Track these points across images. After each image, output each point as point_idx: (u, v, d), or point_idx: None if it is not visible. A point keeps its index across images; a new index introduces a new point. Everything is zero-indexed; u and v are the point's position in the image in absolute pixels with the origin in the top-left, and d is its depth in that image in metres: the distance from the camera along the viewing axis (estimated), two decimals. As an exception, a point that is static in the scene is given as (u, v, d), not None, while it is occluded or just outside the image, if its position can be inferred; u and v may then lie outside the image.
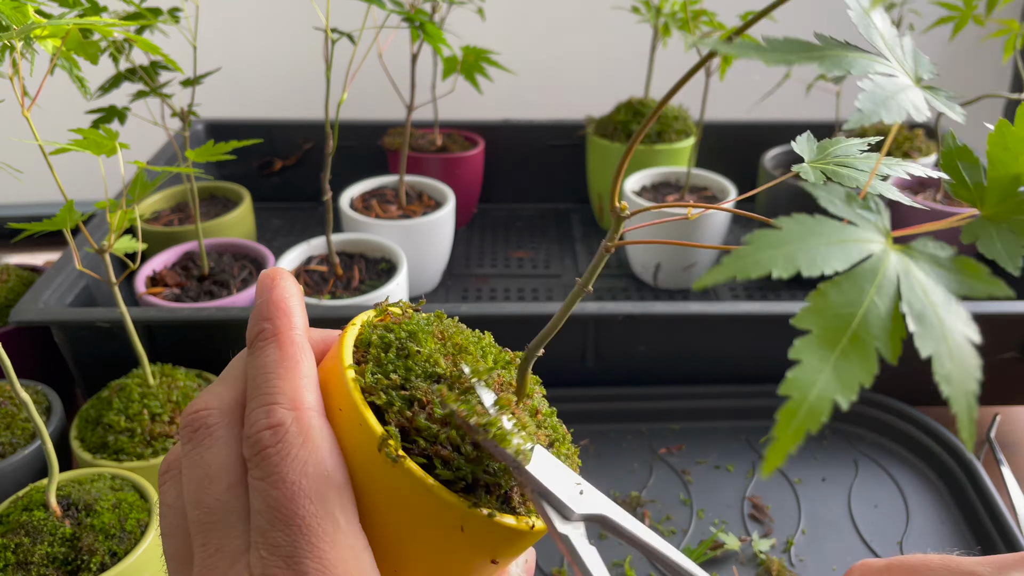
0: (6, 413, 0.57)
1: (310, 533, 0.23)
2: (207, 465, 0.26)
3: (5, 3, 0.40)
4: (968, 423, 0.16)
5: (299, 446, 0.24)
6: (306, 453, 0.24)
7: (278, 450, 0.24)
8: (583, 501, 0.26)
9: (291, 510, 0.23)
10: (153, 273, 0.73)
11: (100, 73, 0.67)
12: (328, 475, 0.24)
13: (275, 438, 0.24)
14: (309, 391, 0.26)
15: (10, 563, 0.44)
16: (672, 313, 0.64)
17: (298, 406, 0.25)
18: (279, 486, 0.23)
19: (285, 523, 0.23)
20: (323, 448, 0.25)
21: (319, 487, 0.24)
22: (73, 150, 0.41)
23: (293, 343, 0.27)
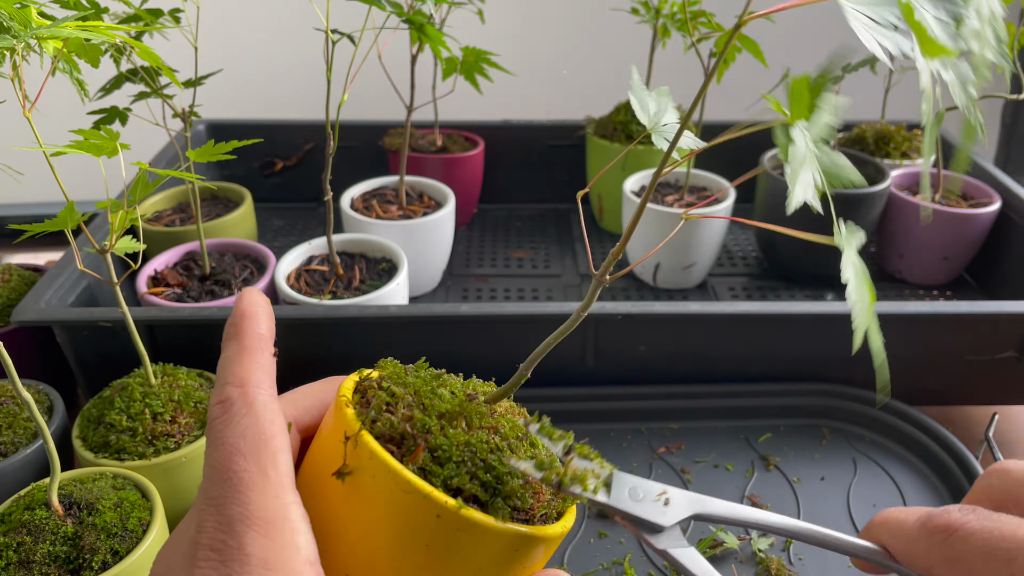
0: (8, 412, 0.57)
1: (240, 483, 0.25)
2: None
3: (7, 2, 0.40)
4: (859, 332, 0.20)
5: (242, 415, 0.27)
6: (247, 421, 0.27)
7: (223, 420, 0.27)
8: (670, 511, 0.27)
9: (227, 466, 0.26)
10: (155, 273, 0.74)
11: (101, 73, 0.67)
12: (266, 439, 0.26)
13: (222, 410, 0.27)
14: (258, 372, 0.29)
15: (12, 562, 0.44)
16: (672, 313, 0.64)
17: (244, 384, 0.28)
18: (219, 448, 0.26)
19: (221, 479, 0.26)
20: (264, 417, 0.27)
21: (255, 447, 0.26)
22: (74, 152, 0.42)
23: (251, 337, 0.30)
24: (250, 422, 0.27)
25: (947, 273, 0.89)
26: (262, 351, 0.30)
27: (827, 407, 0.69)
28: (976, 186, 0.89)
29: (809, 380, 0.69)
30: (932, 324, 0.66)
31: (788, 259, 0.91)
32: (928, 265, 0.88)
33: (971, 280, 0.92)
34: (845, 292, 0.21)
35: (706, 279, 0.91)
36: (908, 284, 0.91)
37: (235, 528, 0.25)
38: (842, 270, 0.22)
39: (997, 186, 0.88)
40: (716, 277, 0.93)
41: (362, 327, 0.64)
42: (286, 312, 0.63)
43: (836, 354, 0.68)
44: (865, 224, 0.86)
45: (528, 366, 0.30)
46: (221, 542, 0.24)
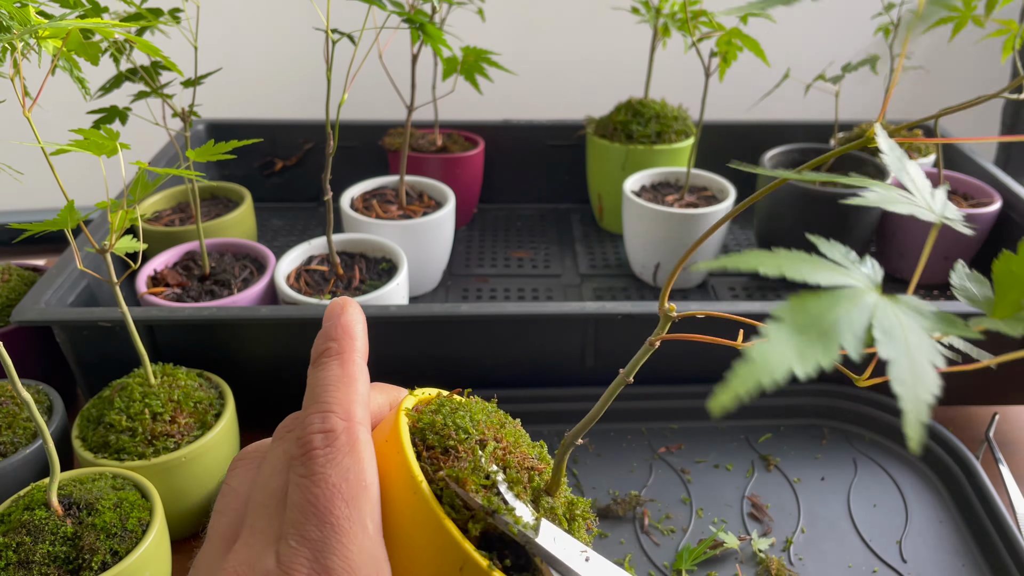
0: (8, 412, 0.57)
1: (341, 533, 0.25)
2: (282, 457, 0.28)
3: (8, 2, 0.40)
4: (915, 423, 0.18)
5: (345, 454, 0.26)
6: (350, 461, 0.26)
7: (326, 453, 0.26)
8: (588, 567, 0.27)
9: (327, 508, 0.25)
10: (154, 273, 0.74)
11: (101, 73, 0.67)
12: (366, 486, 0.26)
13: (325, 442, 0.26)
14: (361, 407, 0.28)
15: (12, 562, 0.44)
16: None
17: (350, 418, 0.27)
18: (320, 485, 0.25)
19: (319, 519, 0.25)
20: (365, 460, 0.27)
21: (356, 494, 0.26)
22: (74, 151, 0.42)
23: (354, 363, 0.29)
24: (352, 463, 0.26)
25: (947, 273, 0.89)
26: (363, 380, 0.29)
27: (827, 407, 0.69)
28: (977, 186, 0.89)
29: (809, 380, 0.69)
30: (932, 324, 0.66)
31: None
32: (928, 265, 0.88)
33: (971, 280, 0.92)
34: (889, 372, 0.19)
35: (706, 279, 0.91)
36: (908, 284, 0.91)
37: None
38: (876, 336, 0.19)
39: (998, 186, 0.88)
40: (716, 277, 0.93)
41: (362, 327, 0.64)
42: (285, 312, 0.62)
43: (836, 354, 0.68)
44: (865, 224, 0.86)
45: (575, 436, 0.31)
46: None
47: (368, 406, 0.29)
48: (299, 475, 0.26)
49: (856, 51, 1.02)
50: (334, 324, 0.30)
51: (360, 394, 0.28)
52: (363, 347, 0.30)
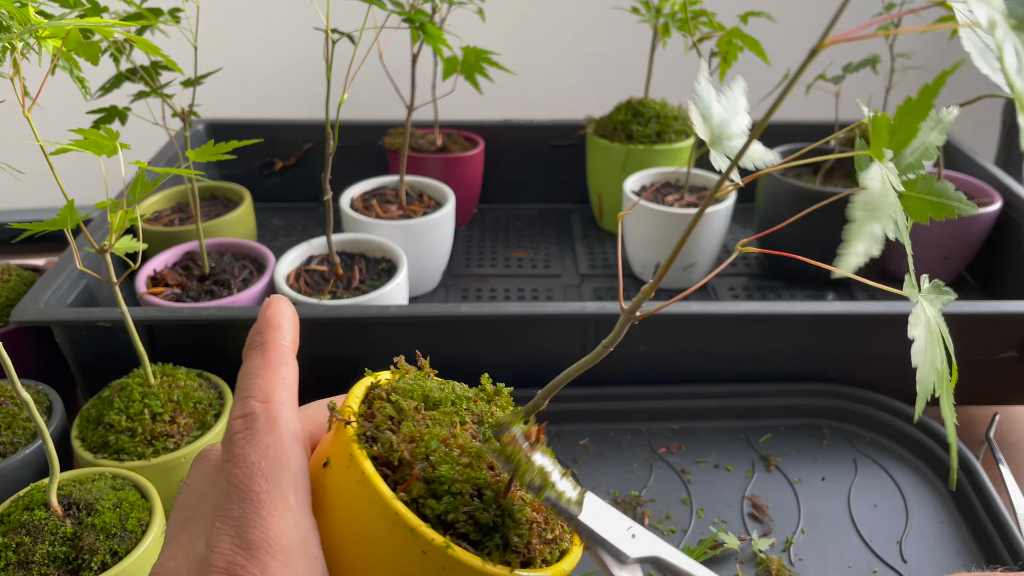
0: (7, 413, 0.57)
1: (260, 507, 0.25)
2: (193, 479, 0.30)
3: (7, 1, 0.40)
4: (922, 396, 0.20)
5: (264, 433, 0.27)
6: (270, 440, 0.27)
7: (245, 435, 0.27)
8: (636, 544, 0.27)
9: (247, 486, 0.25)
10: (154, 273, 0.74)
11: (101, 73, 0.67)
12: (287, 460, 0.26)
13: (244, 425, 0.27)
14: (283, 389, 0.28)
15: (11, 562, 0.44)
16: (672, 313, 0.64)
17: (269, 399, 0.28)
18: (240, 465, 0.26)
19: (240, 497, 0.25)
20: (286, 437, 0.27)
21: (276, 468, 0.26)
22: (74, 150, 0.42)
23: (276, 350, 0.30)
24: (272, 441, 0.27)
25: (948, 273, 0.89)
26: (286, 364, 0.30)
27: (828, 407, 0.69)
28: (977, 186, 0.89)
29: (809, 380, 0.69)
30: (933, 324, 0.65)
31: (788, 259, 0.91)
32: (929, 265, 0.88)
33: (972, 280, 0.92)
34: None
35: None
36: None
37: (256, 554, 0.24)
38: (910, 326, 0.20)
39: (998, 186, 0.88)
40: (716, 277, 0.93)
41: (362, 327, 0.64)
42: (286, 312, 0.62)
43: (836, 354, 0.68)
44: (865, 224, 0.86)
45: (545, 396, 0.29)
46: (240, 567, 0.24)
47: (293, 388, 0.29)
48: (224, 461, 0.27)
49: (857, 51, 1.02)
50: (260, 318, 0.31)
51: (282, 377, 0.29)
52: (289, 336, 0.31)
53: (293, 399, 0.29)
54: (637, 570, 0.26)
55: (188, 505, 0.28)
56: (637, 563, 0.27)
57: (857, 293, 0.89)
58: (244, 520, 0.25)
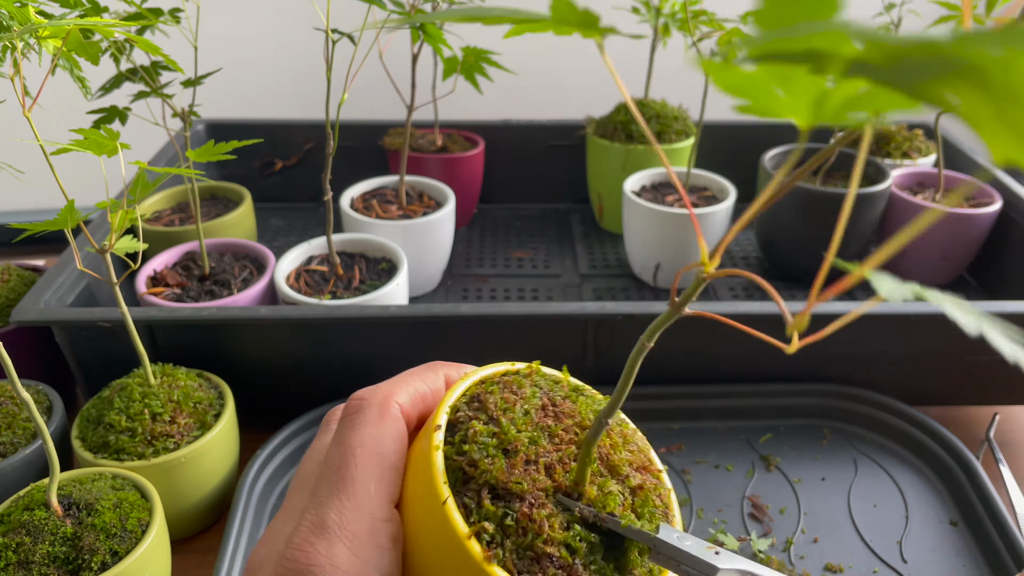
0: (7, 413, 0.57)
1: (343, 491, 0.26)
2: (313, 447, 0.31)
3: (7, 1, 0.40)
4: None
5: (371, 423, 0.28)
6: (373, 430, 0.28)
7: (353, 420, 0.28)
8: (721, 559, 0.26)
9: (340, 468, 0.27)
10: (154, 273, 0.74)
11: (101, 73, 0.67)
12: (383, 452, 0.27)
13: (357, 408, 0.29)
14: (406, 394, 0.30)
15: (11, 562, 0.44)
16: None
17: (388, 396, 0.29)
18: (340, 447, 0.27)
19: (331, 477, 0.27)
20: (390, 432, 0.28)
21: (369, 458, 0.27)
22: (74, 150, 0.42)
23: (433, 373, 0.32)
24: (374, 431, 0.28)
25: (948, 273, 0.89)
26: (428, 383, 0.31)
27: (828, 407, 0.69)
28: (977, 186, 0.89)
29: (809, 380, 0.69)
30: (932, 324, 0.66)
31: (788, 259, 0.91)
32: (929, 265, 0.88)
33: (972, 280, 0.92)
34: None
35: (706, 279, 0.91)
36: (909, 284, 0.91)
37: (327, 535, 0.25)
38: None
39: (998, 186, 0.88)
40: (716, 277, 0.93)
41: (362, 327, 0.64)
42: (285, 312, 0.62)
43: (836, 354, 0.68)
44: (866, 223, 0.86)
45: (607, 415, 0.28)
46: (310, 545, 0.25)
47: (419, 399, 0.30)
48: (332, 440, 0.28)
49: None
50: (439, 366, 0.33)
51: (413, 387, 0.30)
52: (441, 384, 0.32)
53: (413, 406, 0.30)
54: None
55: (303, 474, 0.30)
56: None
57: (857, 293, 0.89)
58: (326, 502, 0.26)
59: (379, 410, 0.28)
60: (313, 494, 0.27)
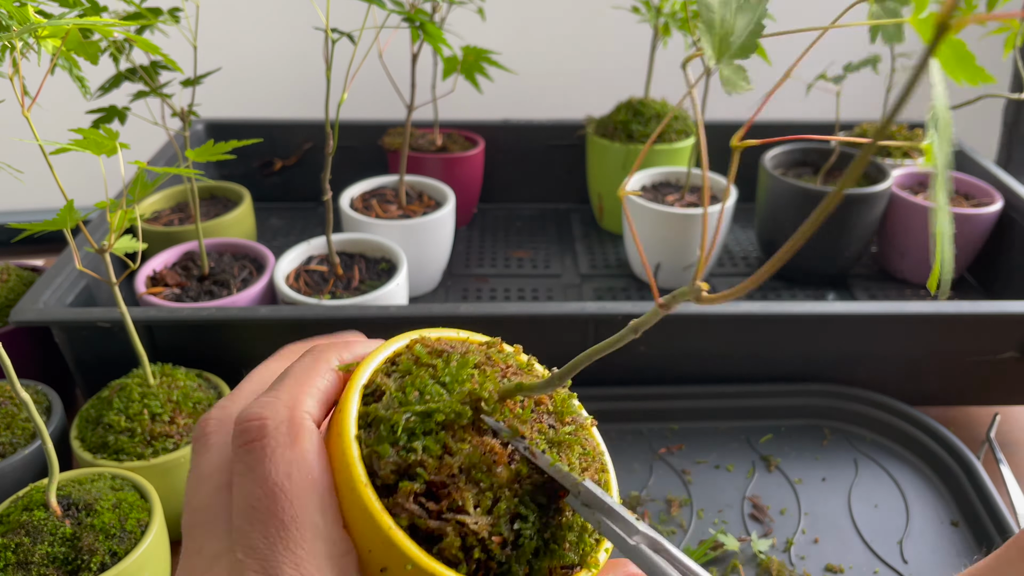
0: (6, 413, 0.57)
1: (288, 537, 0.23)
2: (199, 468, 0.26)
3: (7, 1, 0.40)
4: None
5: (286, 446, 0.24)
6: (292, 454, 0.24)
7: (263, 445, 0.24)
8: (640, 525, 0.25)
9: (271, 511, 0.23)
10: (153, 273, 0.73)
11: (100, 73, 0.67)
12: (313, 479, 0.24)
13: (262, 432, 0.24)
14: (312, 398, 0.26)
15: (10, 563, 0.44)
16: (672, 313, 0.64)
17: (295, 406, 0.25)
18: (261, 485, 0.23)
19: (264, 525, 0.23)
20: (311, 451, 0.24)
21: (302, 490, 0.23)
22: (74, 150, 0.41)
23: (326, 361, 0.27)
24: (295, 456, 0.24)
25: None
26: (326, 377, 0.27)
27: (828, 407, 0.69)
28: (977, 186, 0.89)
29: (810, 380, 0.69)
30: (933, 324, 0.65)
31: (789, 259, 0.91)
32: (929, 265, 0.88)
33: (972, 280, 0.92)
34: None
35: (706, 279, 0.91)
36: (909, 284, 0.91)
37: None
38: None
39: (998, 186, 0.88)
40: (716, 277, 0.93)
41: (362, 327, 0.64)
42: (285, 312, 0.62)
43: (836, 354, 0.68)
44: (866, 224, 0.86)
45: (565, 375, 0.27)
46: None
47: (325, 401, 0.26)
48: (239, 473, 0.24)
49: (857, 51, 1.01)
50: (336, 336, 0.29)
51: (316, 387, 0.26)
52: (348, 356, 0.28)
53: (321, 411, 0.26)
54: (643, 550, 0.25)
55: (203, 507, 0.26)
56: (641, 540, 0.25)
57: (857, 293, 0.89)
58: (272, 553, 0.22)
59: (289, 429, 0.24)
60: (245, 547, 0.23)
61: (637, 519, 0.25)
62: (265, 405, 0.25)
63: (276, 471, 0.23)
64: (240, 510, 0.24)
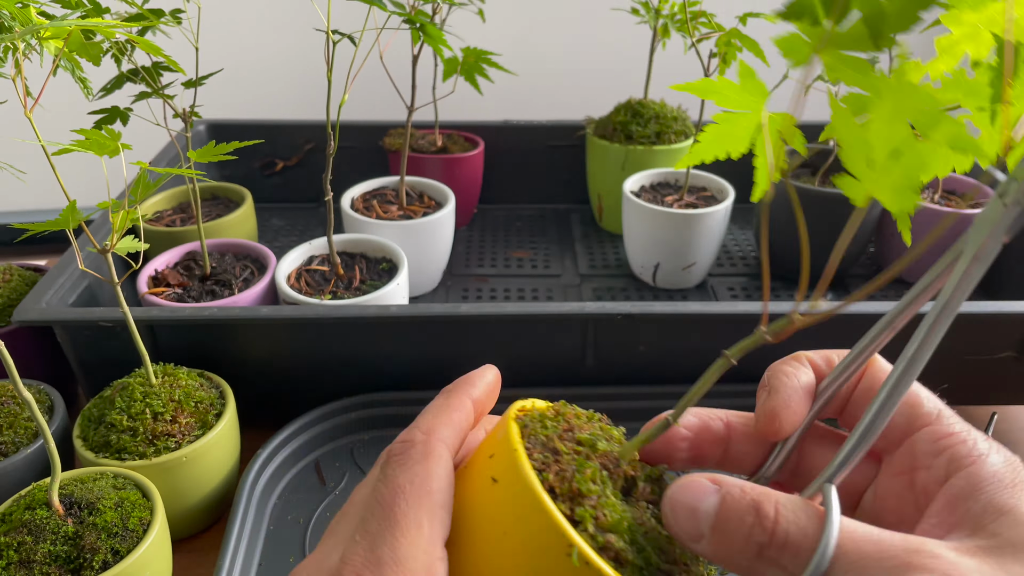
0: (9, 412, 0.57)
1: (395, 527, 0.26)
2: (368, 478, 0.31)
3: (9, 2, 0.40)
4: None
5: (417, 461, 0.28)
6: (420, 468, 0.28)
7: (399, 459, 0.29)
8: None
9: (389, 506, 0.27)
10: (155, 273, 0.74)
11: (102, 74, 0.67)
12: (431, 490, 0.28)
13: (401, 449, 0.29)
14: (447, 427, 0.30)
15: (13, 561, 0.44)
16: (672, 313, 0.64)
17: (431, 432, 0.30)
18: (388, 485, 0.28)
19: (381, 515, 0.27)
20: (437, 470, 0.28)
21: (419, 495, 0.27)
22: (76, 150, 0.42)
23: (458, 398, 0.32)
24: (422, 470, 0.28)
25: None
26: (461, 411, 0.31)
27: (827, 407, 0.69)
28: (977, 186, 0.89)
29: (809, 380, 0.69)
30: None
31: (788, 259, 0.91)
32: (928, 265, 0.88)
33: (971, 280, 0.92)
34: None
35: (706, 279, 0.92)
36: (909, 284, 0.91)
37: (382, 570, 0.25)
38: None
39: (997, 186, 0.88)
40: (716, 277, 0.93)
41: (362, 327, 0.64)
42: (286, 312, 0.63)
43: (836, 354, 0.68)
44: (866, 224, 0.86)
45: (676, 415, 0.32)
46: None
47: (458, 431, 0.31)
48: (378, 479, 0.29)
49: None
50: (470, 374, 0.34)
51: (452, 421, 0.31)
52: (480, 394, 0.33)
53: (455, 439, 0.30)
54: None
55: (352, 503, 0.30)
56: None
57: (857, 293, 0.89)
58: (379, 536, 0.26)
59: (423, 448, 0.29)
60: (363, 528, 0.27)
61: None
62: (408, 432, 0.30)
63: (403, 477, 0.28)
64: (368, 504, 0.28)
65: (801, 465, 0.33)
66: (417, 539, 0.26)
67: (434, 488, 0.28)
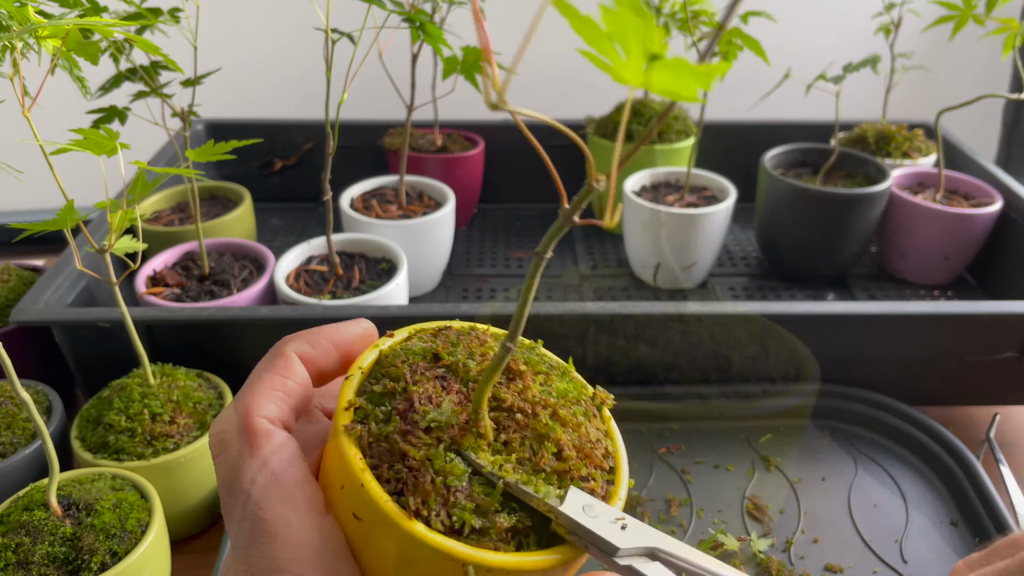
0: (7, 413, 0.57)
1: (263, 535, 0.24)
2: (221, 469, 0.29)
3: (7, 1, 0.40)
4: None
5: (247, 454, 0.25)
6: (253, 460, 0.25)
7: (224, 459, 0.26)
8: (626, 535, 0.25)
9: (243, 516, 0.25)
10: (153, 273, 0.73)
11: (100, 73, 0.67)
12: (276, 479, 0.25)
13: (221, 447, 0.26)
14: (269, 401, 0.27)
15: (11, 563, 0.44)
16: (672, 313, 0.64)
17: (248, 413, 0.26)
18: (232, 494, 0.25)
19: (239, 525, 0.25)
20: (270, 454, 0.25)
21: (267, 493, 0.25)
22: (74, 150, 0.42)
23: (283, 359, 0.28)
24: (256, 463, 0.25)
25: (948, 273, 0.89)
26: (287, 374, 0.28)
27: (828, 407, 0.69)
28: (977, 186, 0.89)
29: (809, 380, 0.69)
30: (933, 324, 0.66)
31: (788, 259, 0.91)
32: (929, 265, 0.88)
33: (972, 280, 0.92)
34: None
35: (706, 279, 0.91)
36: (909, 284, 0.91)
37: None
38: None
39: (998, 186, 0.88)
40: (716, 277, 0.93)
41: (362, 327, 0.64)
42: (285, 312, 0.62)
43: (836, 354, 0.68)
44: (866, 224, 0.86)
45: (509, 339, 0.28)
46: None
47: (284, 400, 0.27)
48: (218, 482, 0.26)
49: (857, 50, 1.01)
50: (316, 328, 0.30)
51: (272, 388, 0.27)
52: (312, 347, 0.28)
53: (281, 406, 0.27)
54: (643, 562, 0.25)
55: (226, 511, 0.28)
56: (634, 555, 0.25)
57: (857, 293, 0.89)
58: (250, 554, 0.24)
59: (244, 436, 0.26)
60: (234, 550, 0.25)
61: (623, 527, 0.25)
62: (223, 418, 0.27)
63: (241, 479, 0.25)
64: (228, 518, 0.26)
65: None
66: (290, 535, 0.24)
67: (279, 474, 0.25)
